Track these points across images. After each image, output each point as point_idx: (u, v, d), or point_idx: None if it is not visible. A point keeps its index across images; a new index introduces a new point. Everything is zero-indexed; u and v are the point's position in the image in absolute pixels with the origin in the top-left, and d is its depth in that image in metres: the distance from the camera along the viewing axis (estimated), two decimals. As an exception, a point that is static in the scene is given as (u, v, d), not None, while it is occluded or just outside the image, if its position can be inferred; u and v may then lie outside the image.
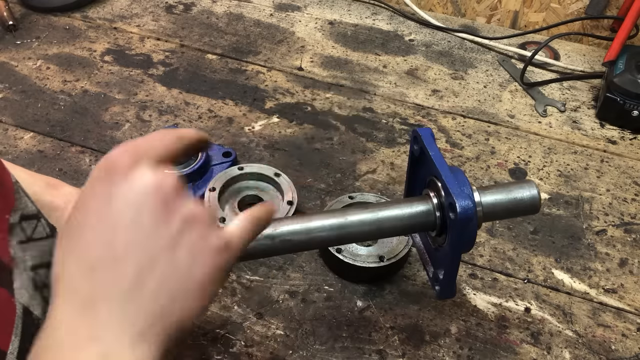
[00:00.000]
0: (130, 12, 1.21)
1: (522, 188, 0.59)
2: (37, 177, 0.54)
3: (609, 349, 0.70)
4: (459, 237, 0.54)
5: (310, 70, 1.09)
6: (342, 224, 0.56)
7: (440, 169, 0.56)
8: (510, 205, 0.58)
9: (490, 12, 1.24)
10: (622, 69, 0.98)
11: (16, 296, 0.37)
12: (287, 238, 0.55)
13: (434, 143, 0.59)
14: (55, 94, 1.01)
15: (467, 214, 0.53)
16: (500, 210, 0.59)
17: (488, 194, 0.58)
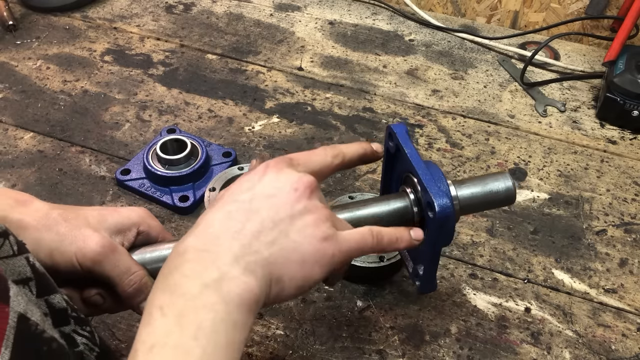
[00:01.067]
0: (130, 12, 1.21)
1: (497, 180, 0.60)
2: (5, 193, 0.52)
3: (609, 349, 0.70)
4: (438, 234, 0.55)
5: (310, 70, 1.09)
6: None
7: (416, 166, 0.57)
8: (486, 197, 0.60)
9: (490, 12, 1.24)
10: (622, 69, 0.98)
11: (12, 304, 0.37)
12: None
13: (408, 139, 0.60)
14: (55, 94, 1.01)
15: (446, 212, 0.54)
16: (477, 203, 0.60)
17: (464, 187, 0.59)
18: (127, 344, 0.67)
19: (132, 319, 0.70)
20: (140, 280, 0.52)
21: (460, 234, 0.82)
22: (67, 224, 0.51)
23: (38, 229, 0.50)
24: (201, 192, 0.83)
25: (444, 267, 0.78)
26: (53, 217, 0.51)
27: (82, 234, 0.51)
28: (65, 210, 0.53)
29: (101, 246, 0.50)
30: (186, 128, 0.95)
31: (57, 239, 0.50)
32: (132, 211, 0.56)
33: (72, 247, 0.50)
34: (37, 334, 0.39)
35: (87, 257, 0.50)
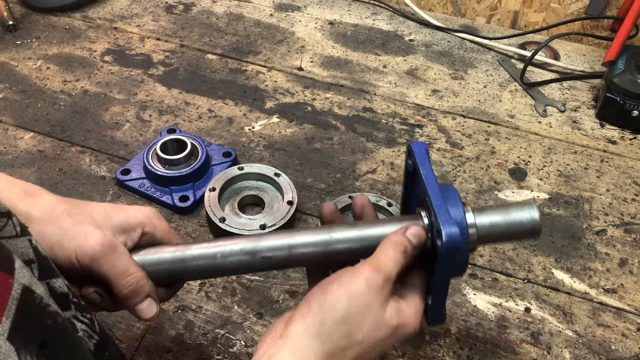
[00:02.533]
0: (130, 12, 1.21)
1: (521, 210, 0.54)
2: (15, 184, 0.52)
3: (609, 349, 0.70)
4: (446, 265, 0.51)
5: (310, 70, 1.09)
6: (326, 241, 0.54)
7: (429, 189, 0.53)
8: (509, 228, 0.54)
9: (490, 12, 1.24)
10: (622, 69, 0.98)
11: (17, 276, 0.37)
12: (267, 255, 0.53)
13: (426, 160, 0.56)
14: (55, 94, 1.01)
15: (454, 242, 0.50)
16: (497, 234, 0.55)
17: (484, 215, 0.54)
18: (127, 344, 0.67)
19: (132, 319, 0.70)
20: (137, 282, 0.52)
21: (460, 234, 0.82)
22: (71, 220, 0.51)
23: (42, 222, 0.50)
24: (201, 192, 0.83)
25: (444, 267, 0.78)
26: (58, 211, 0.51)
27: (84, 231, 0.50)
28: (72, 205, 0.52)
29: (101, 244, 0.50)
30: (186, 128, 0.95)
31: (59, 233, 0.50)
32: (139, 211, 0.55)
33: (72, 244, 0.50)
34: (41, 307, 0.39)
35: (85, 255, 0.50)
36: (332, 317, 0.47)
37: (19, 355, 0.35)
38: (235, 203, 0.82)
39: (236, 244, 0.54)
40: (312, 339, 0.47)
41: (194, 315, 0.71)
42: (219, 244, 0.54)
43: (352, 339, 0.48)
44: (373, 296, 0.48)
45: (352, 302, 0.48)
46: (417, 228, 0.53)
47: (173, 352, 0.67)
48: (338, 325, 0.47)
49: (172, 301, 0.72)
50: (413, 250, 0.52)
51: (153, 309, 0.53)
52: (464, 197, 0.87)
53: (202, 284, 0.74)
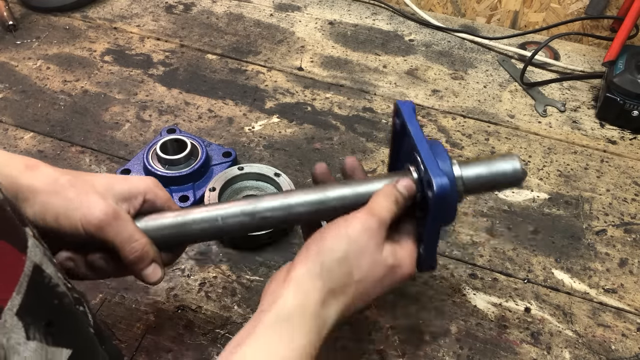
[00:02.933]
0: (130, 12, 1.21)
1: (504, 161, 0.59)
2: (16, 159, 0.53)
3: (609, 349, 0.70)
4: (438, 213, 0.55)
5: (310, 70, 1.09)
6: (321, 199, 0.57)
7: (418, 145, 0.56)
8: (492, 177, 0.59)
9: (490, 12, 1.24)
10: (622, 69, 0.98)
11: (29, 254, 0.38)
12: (266, 215, 0.56)
13: (414, 117, 0.59)
14: (55, 94, 1.01)
15: (445, 192, 0.53)
16: (483, 184, 0.59)
17: (469, 167, 0.58)
18: (127, 344, 0.68)
19: (132, 318, 0.70)
20: (142, 248, 0.53)
21: (460, 234, 0.82)
22: (75, 190, 0.52)
23: (47, 193, 0.51)
24: (201, 192, 0.83)
25: (444, 267, 0.78)
26: (61, 182, 0.52)
27: (88, 200, 0.52)
28: (74, 176, 0.54)
29: (105, 213, 0.52)
30: (186, 128, 0.95)
31: (64, 204, 0.51)
32: (140, 180, 0.57)
33: (77, 213, 0.51)
34: (50, 287, 0.40)
35: (91, 223, 0.51)
36: (330, 257, 0.51)
37: (27, 331, 0.35)
38: (235, 203, 0.81)
39: (235, 205, 0.57)
40: (313, 278, 0.50)
41: (194, 315, 0.71)
42: (218, 207, 0.57)
43: (351, 277, 0.51)
44: (369, 237, 0.52)
45: (350, 243, 0.52)
46: (407, 180, 0.57)
47: (173, 352, 0.67)
48: (337, 265, 0.51)
49: (172, 301, 0.72)
50: (404, 201, 0.56)
51: (158, 273, 0.55)
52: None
53: (202, 284, 0.74)
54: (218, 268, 0.76)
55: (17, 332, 0.35)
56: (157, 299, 0.72)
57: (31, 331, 0.36)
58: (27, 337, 0.35)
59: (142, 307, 0.71)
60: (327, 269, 0.51)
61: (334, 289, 0.51)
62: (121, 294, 0.72)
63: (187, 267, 0.76)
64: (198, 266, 0.76)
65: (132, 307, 0.71)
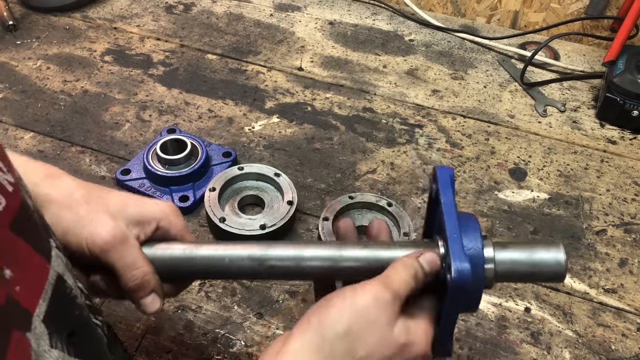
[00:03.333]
0: (130, 12, 1.21)
1: (547, 250, 0.51)
2: (37, 166, 0.52)
3: (609, 349, 0.70)
4: (456, 300, 0.49)
5: (310, 70, 1.09)
6: (335, 257, 0.53)
7: (447, 219, 0.50)
8: (530, 268, 0.51)
9: (490, 12, 1.24)
10: (622, 69, 0.98)
11: (53, 263, 0.38)
12: (274, 264, 0.53)
13: (450, 187, 0.53)
14: (55, 94, 1.01)
15: (463, 279, 0.47)
16: (518, 273, 0.51)
17: (505, 250, 0.51)
18: (127, 344, 0.67)
19: (132, 319, 0.70)
20: (143, 276, 0.52)
21: (460, 234, 0.82)
22: (87, 207, 0.51)
23: (61, 206, 0.50)
24: (201, 192, 0.83)
25: (444, 267, 0.78)
26: (76, 197, 0.51)
27: (98, 219, 0.50)
28: (90, 190, 0.52)
29: (112, 235, 0.50)
30: (186, 128, 0.95)
31: (74, 219, 0.50)
32: (156, 205, 0.55)
33: (84, 231, 0.50)
34: (71, 297, 0.40)
35: (96, 244, 0.50)
36: (333, 330, 0.45)
37: (51, 339, 0.35)
38: (235, 203, 0.82)
39: (245, 249, 0.54)
40: (311, 353, 0.45)
41: (194, 315, 0.71)
42: (228, 248, 0.54)
43: (355, 354, 0.46)
44: (380, 311, 0.47)
45: (357, 316, 0.46)
46: (431, 255, 0.51)
47: (173, 352, 0.67)
48: (340, 340, 0.45)
49: (172, 301, 0.72)
50: (424, 276, 0.50)
51: (156, 304, 0.53)
52: (464, 196, 0.87)
53: (202, 284, 0.74)
54: (218, 268, 0.76)
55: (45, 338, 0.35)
56: (157, 299, 0.72)
57: (54, 339, 0.36)
58: (50, 345, 0.35)
59: (142, 307, 0.71)
60: (328, 344, 0.45)
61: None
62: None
63: (187, 267, 0.76)
64: (198, 266, 0.76)
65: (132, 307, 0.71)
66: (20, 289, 0.33)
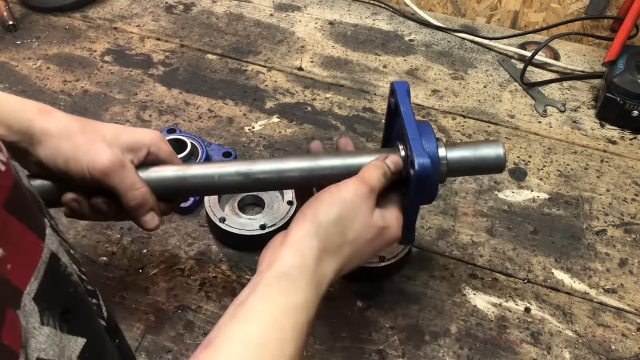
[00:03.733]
0: (130, 12, 1.21)
1: (489, 147, 0.61)
2: (29, 103, 0.56)
3: (609, 349, 0.70)
4: (419, 191, 0.57)
5: (310, 70, 1.09)
6: (312, 167, 0.60)
7: (407, 125, 0.59)
8: (476, 162, 0.61)
9: (490, 12, 1.24)
10: (622, 69, 0.98)
11: (47, 241, 0.39)
12: (259, 177, 0.60)
13: (407, 98, 0.63)
14: (55, 94, 1.01)
15: (425, 171, 0.56)
16: (466, 166, 0.62)
17: (454, 150, 0.61)
18: (127, 344, 0.68)
19: (132, 318, 0.70)
20: (143, 196, 0.57)
21: (460, 234, 0.82)
22: (84, 136, 0.55)
23: (59, 137, 0.55)
24: (201, 192, 0.83)
25: (444, 267, 0.78)
26: (72, 128, 0.56)
27: (96, 147, 0.55)
28: (84, 123, 0.57)
29: (111, 161, 0.55)
30: (186, 128, 0.95)
31: (74, 148, 0.55)
32: (146, 133, 0.60)
33: (85, 158, 0.54)
34: (65, 275, 0.41)
35: (97, 169, 0.54)
36: (326, 218, 0.53)
37: (42, 316, 0.36)
38: (235, 203, 0.82)
39: (232, 166, 0.60)
40: (310, 239, 0.52)
41: (194, 315, 0.71)
42: (215, 165, 0.61)
43: (345, 237, 0.54)
44: (361, 201, 0.55)
45: (344, 205, 0.54)
46: (394, 156, 0.60)
47: (173, 352, 0.67)
48: (333, 225, 0.53)
49: (172, 301, 0.72)
50: (391, 174, 0.59)
51: (155, 220, 0.59)
52: (464, 196, 0.87)
53: (202, 284, 0.74)
54: (218, 268, 0.76)
55: (35, 316, 0.36)
56: (157, 299, 0.72)
57: (45, 317, 0.37)
58: (41, 322, 0.36)
59: (142, 307, 0.71)
60: (323, 230, 0.53)
61: (329, 248, 0.53)
62: (121, 294, 0.72)
63: (187, 267, 0.76)
64: (198, 266, 0.76)
65: (132, 307, 0.71)
66: (12, 267, 0.34)
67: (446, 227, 0.82)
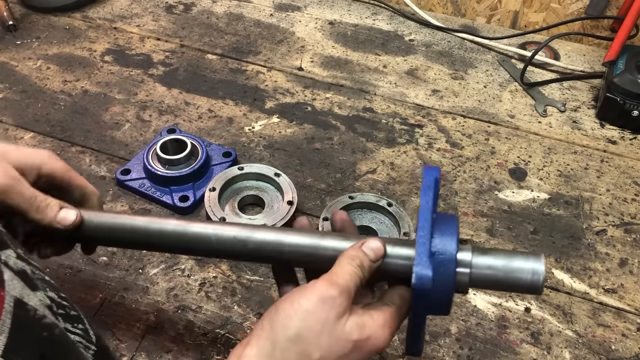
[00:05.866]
0: (130, 12, 1.21)
1: (526, 260, 0.49)
2: None
3: (609, 349, 0.70)
4: (420, 305, 0.48)
5: (310, 70, 1.09)
6: (316, 245, 0.53)
7: (420, 219, 0.49)
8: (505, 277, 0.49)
9: (490, 12, 1.24)
10: (622, 69, 0.98)
11: (7, 288, 0.36)
12: (257, 247, 0.54)
13: (430, 187, 0.51)
14: (55, 94, 1.01)
15: (424, 286, 0.46)
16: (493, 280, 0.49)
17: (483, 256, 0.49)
18: (127, 344, 0.68)
19: (132, 318, 0.70)
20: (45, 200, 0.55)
21: (461, 233, 0.82)
22: None
23: None
24: (201, 192, 0.83)
25: (444, 267, 0.78)
26: None
27: None
28: None
29: (8, 177, 0.52)
30: (186, 128, 0.95)
31: None
32: (35, 152, 0.57)
33: None
34: (36, 319, 0.38)
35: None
36: (284, 336, 0.46)
37: None
38: (235, 203, 0.82)
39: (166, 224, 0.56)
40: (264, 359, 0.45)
41: (194, 315, 0.71)
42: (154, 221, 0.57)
43: (310, 357, 0.46)
44: (327, 310, 0.46)
45: (305, 318, 0.46)
46: (374, 242, 0.51)
47: (173, 352, 0.67)
48: (291, 344, 0.45)
49: (172, 301, 0.72)
50: (371, 263, 0.50)
51: (70, 213, 0.56)
52: (464, 196, 0.87)
53: (202, 284, 0.74)
54: (218, 268, 0.76)
55: None
56: (157, 299, 0.72)
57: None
58: None
59: (142, 307, 0.71)
60: (280, 350, 0.45)
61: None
62: (121, 294, 0.72)
63: (187, 267, 0.76)
64: (198, 266, 0.76)
65: (132, 307, 0.71)
66: None
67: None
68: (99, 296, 0.72)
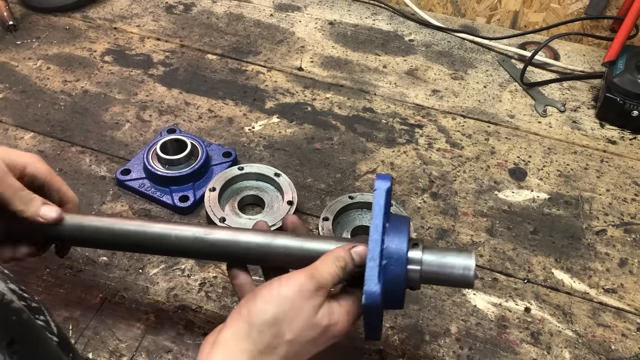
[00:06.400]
0: (130, 12, 1.21)
1: (458, 256, 0.54)
2: None
3: (609, 349, 0.70)
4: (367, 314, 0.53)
5: (310, 70, 1.09)
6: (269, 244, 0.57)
7: (372, 229, 0.53)
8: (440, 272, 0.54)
9: (490, 12, 1.24)
10: (622, 69, 0.98)
11: None
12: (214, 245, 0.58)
13: (383, 196, 0.54)
14: (55, 94, 1.01)
15: (373, 303, 0.51)
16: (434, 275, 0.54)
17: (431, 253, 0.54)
18: (127, 344, 0.68)
19: (132, 318, 0.70)
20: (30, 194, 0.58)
21: (460, 234, 0.82)
22: None
23: None
24: (201, 192, 0.83)
25: (444, 267, 0.78)
26: None
27: None
28: None
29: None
30: (186, 128, 0.95)
31: None
32: (22, 155, 0.60)
33: None
34: (4, 304, 0.40)
35: None
36: (261, 319, 0.50)
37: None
38: (235, 203, 0.82)
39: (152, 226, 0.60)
40: (241, 340, 0.50)
41: (194, 315, 0.71)
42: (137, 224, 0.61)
43: (282, 338, 0.50)
44: (304, 300, 0.51)
45: (282, 304, 0.50)
46: (363, 249, 0.54)
47: (173, 352, 0.67)
48: (267, 327, 0.50)
49: (172, 301, 0.72)
50: (354, 267, 0.54)
51: (53, 210, 0.59)
52: (464, 197, 0.87)
53: (202, 284, 0.74)
54: (218, 268, 0.76)
55: None
56: (157, 299, 0.72)
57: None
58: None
59: (142, 307, 0.71)
60: (256, 330, 0.50)
61: (263, 350, 0.50)
62: (121, 294, 0.72)
63: (187, 267, 0.76)
64: (198, 266, 0.76)
65: (132, 307, 0.71)
66: None
67: (446, 227, 0.82)
68: (99, 296, 0.72)
